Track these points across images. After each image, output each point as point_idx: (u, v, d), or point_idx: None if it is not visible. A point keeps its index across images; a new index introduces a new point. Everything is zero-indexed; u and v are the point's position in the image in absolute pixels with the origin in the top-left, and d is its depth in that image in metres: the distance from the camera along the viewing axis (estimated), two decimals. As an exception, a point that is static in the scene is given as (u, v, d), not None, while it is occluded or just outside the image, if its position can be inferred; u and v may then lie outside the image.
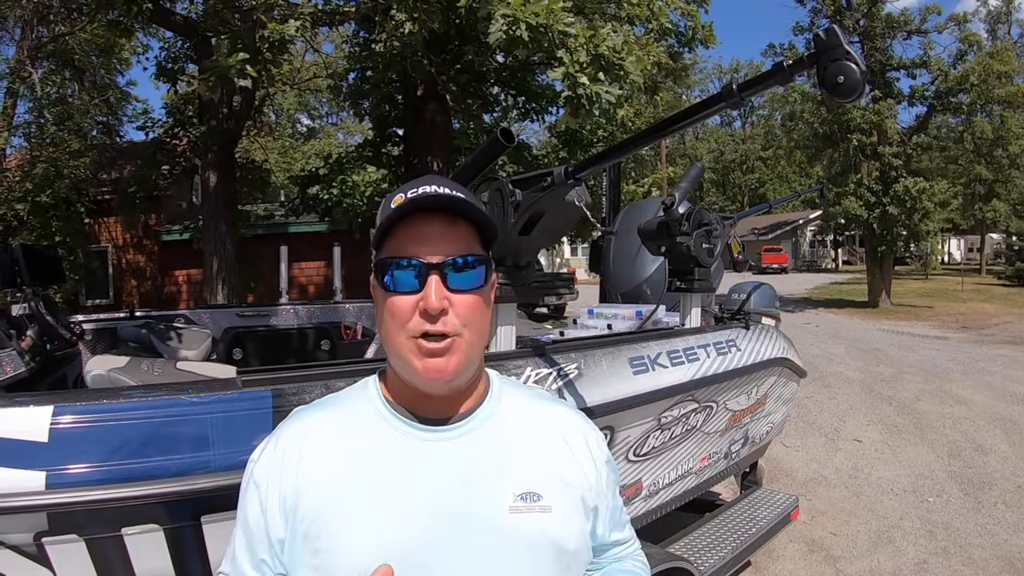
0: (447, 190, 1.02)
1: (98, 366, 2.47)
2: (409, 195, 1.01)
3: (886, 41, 21.06)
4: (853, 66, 1.17)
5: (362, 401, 1.09)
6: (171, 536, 1.60)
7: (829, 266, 50.42)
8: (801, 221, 48.35)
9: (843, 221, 21.95)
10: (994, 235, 42.65)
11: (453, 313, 1.00)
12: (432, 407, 1.06)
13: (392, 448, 1.03)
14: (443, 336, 1.00)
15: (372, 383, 1.12)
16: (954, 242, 52.68)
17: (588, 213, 1.53)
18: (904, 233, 21.13)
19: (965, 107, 21.48)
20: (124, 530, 1.57)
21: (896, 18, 20.95)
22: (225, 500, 1.50)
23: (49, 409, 1.53)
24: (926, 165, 23.16)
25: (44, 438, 1.50)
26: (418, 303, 0.99)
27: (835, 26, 1.21)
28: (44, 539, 1.51)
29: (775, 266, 43.98)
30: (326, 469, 1.01)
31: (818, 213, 36.27)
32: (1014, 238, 33.91)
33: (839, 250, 51.06)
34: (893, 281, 23.31)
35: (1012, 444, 6.76)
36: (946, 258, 50.52)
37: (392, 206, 1.02)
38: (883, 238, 20.93)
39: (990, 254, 42.56)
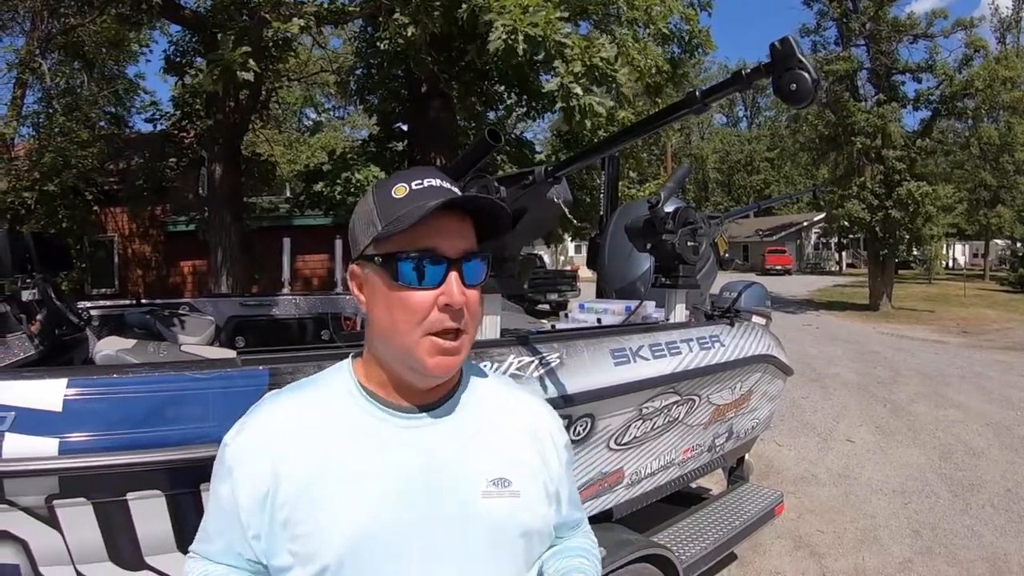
0: (450, 185, 1.06)
1: (107, 347, 2.56)
2: (415, 187, 1.03)
3: (892, 44, 21.06)
4: (805, 75, 1.27)
5: (336, 386, 1.10)
6: (172, 502, 1.70)
7: (833, 268, 50.30)
8: (806, 223, 48.43)
9: (846, 224, 21.91)
10: (999, 241, 42.57)
11: (465, 308, 1.03)
12: (411, 395, 1.08)
13: (368, 433, 1.04)
14: (457, 332, 1.03)
15: (346, 368, 1.13)
16: (959, 247, 52.57)
17: (567, 210, 1.62)
18: (907, 237, 21.14)
19: (970, 112, 21.47)
20: (129, 495, 1.66)
21: (903, 22, 20.94)
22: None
23: (63, 381, 1.63)
24: (931, 169, 23.12)
25: (58, 408, 1.60)
26: (437, 298, 1.01)
27: (790, 37, 1.30)
28: (55, 502, 1.61)
29: (779, 268, 43.89)
30: (302, 455, 1.02)
31: (822, 215, 36.24)
32: (1018, 244, 33.88)
33: (843, 253, 50.98)
34: (896, 285, 23.32)
35: (1004, 448, 6.82)
36: (950, 263, 50.40)
37: (396, 196, 1.03)
38: (885, 241, 20.95)
39: (994, 260, 42.49)
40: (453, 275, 1.02)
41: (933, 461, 6.43)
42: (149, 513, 1.69)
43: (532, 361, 2.08)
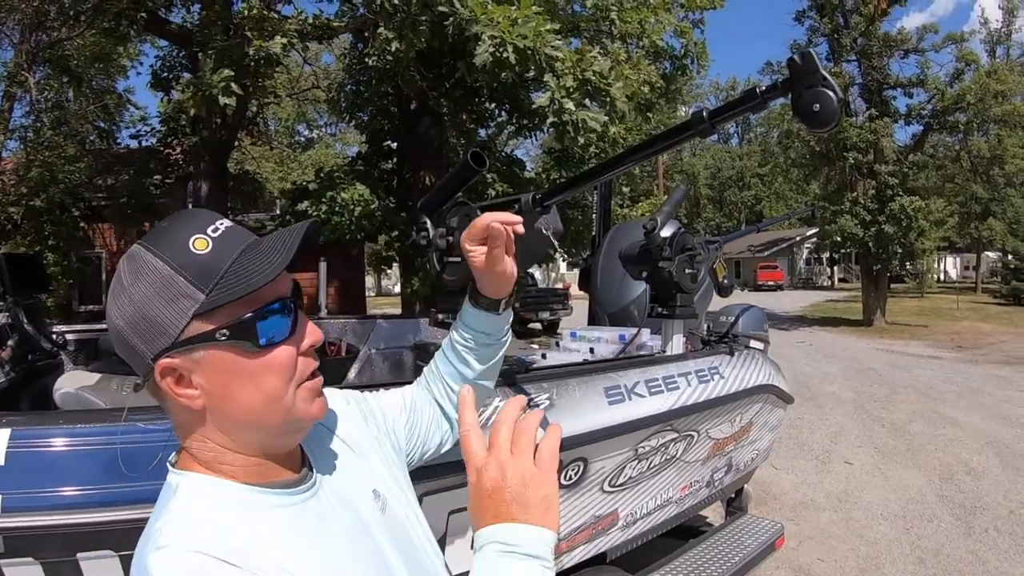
0: (225, 223, 0.89)
1: (68, 384, 2.44)
2: (213, 234, 0.85)
3: (883, 60, 21.15)
4: (830, 93, 1.11)
5: (218, 501, 0.86)
6: (126, 562, 1.58)
7: (825, 283, 50.46)
8: (798, 238, 48.55)
9: (839, 239, 21.95)
10: (990, 253, 42.82)
11: None
12: (288, 463, 0.95)
13: (302, 528, 0.88)
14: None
15: (199, 480, 0.88)
16: (950, 260, 52.86)
17: (556, 243, 1.49)
18: (899, 251, 21.16)
19: (962, 126, 21.58)
20: (79, 555, 1.56)
21: (893, 37, 21.06)
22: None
23: (7, 432, 1.53)
24: (922, 183, 23.23)
25: (1, 461, 1.51)
26: (298, 345, 0.90)
27: (811, 51, 1.15)
28: (1, 562, 1.51)
29: (770, 283, 43.95)
30: None
31: (814, 231, 36.41)
32: (1010, 256, 34.01)
33: (835, 268, 51.15)
34: (889, 299, 23.33)
35: (1005, 467, 6.71)
36: (942, 276, 50.64)
37: (200, 251, 0.84)
38: (878, 256, 20.97)
39: (986, 272, 42.68)
40: (301, 314, 0.91)
41: (933, 483, 6.31)
42: (102, 573, 1.58)
43: (520, 404, 1.95)
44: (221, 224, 0.87)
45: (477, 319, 1.32)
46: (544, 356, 2.98)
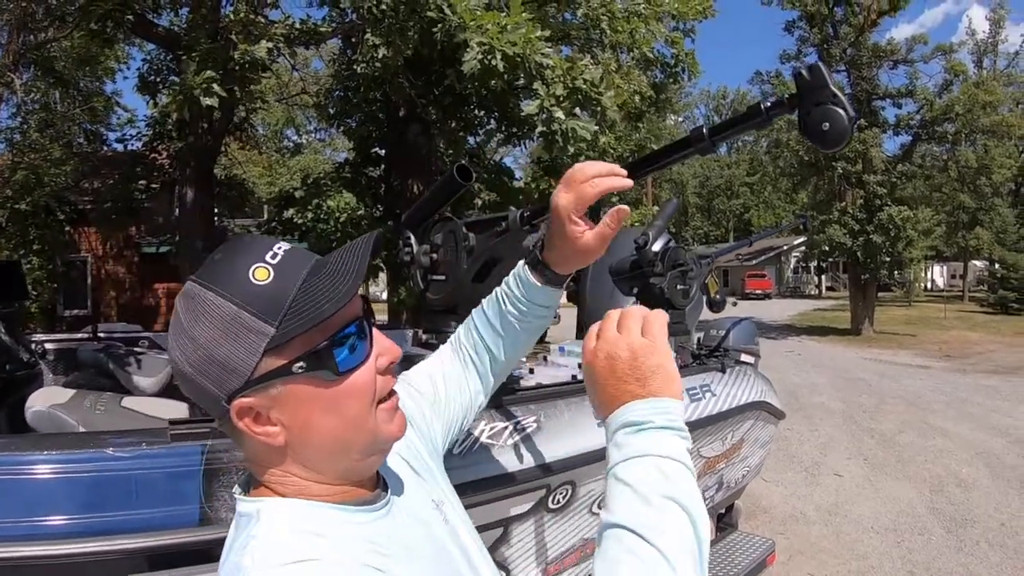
0: (284, 242, 0.87)
1: (39, 402, 2.35)
2: (272, 261, 0.80)
3: (873, 70, 21.27)
4: (840, 111, 1.03)
5: (310, 521, 0.83)
6: None
7: (812, 292, 50.66)
8: (785, 247, 48.72)
9: (827, 249, 22.05)
10: (977, 262, 43.08)
11: None
12: (368, 481, 0.92)
13: (392, 539, 0.87)
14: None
15: (286, 506, 0.84)
16: (937, 269, 53.17)
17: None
18: (887, 261, 21.26)
19: (950, 136, 21.75)
20: None
21: (883, 48, 21.18)
22: (150, 561, 1.46)
23: None
24: (910, 193, 23.37)
25: None
26: (376, 364, 0.86)
27: (820, 64, 1.06)
28: None
29: (758, 292, 44.09)
30: None
31: (802, 239, 36.56)
32: (997, 265, 34.25)
33: (823, 276, 51.36)
34: (876, 308, 23.41)
35: (995, 479, 6.69)
36: (929, 285, 50.94)
37: (262, 282, 0.78)
38: (867, 266, 21.05)
39: (973, 281, 42.96)
40: (375, 331, 0.88)
41: (924, 495, 6.28)
42: None
43: (506, 427, 1.87)
44: (279, 249, 0.83)
45: (536, 292, 1.27)
46: (532, 371, 2.92)
